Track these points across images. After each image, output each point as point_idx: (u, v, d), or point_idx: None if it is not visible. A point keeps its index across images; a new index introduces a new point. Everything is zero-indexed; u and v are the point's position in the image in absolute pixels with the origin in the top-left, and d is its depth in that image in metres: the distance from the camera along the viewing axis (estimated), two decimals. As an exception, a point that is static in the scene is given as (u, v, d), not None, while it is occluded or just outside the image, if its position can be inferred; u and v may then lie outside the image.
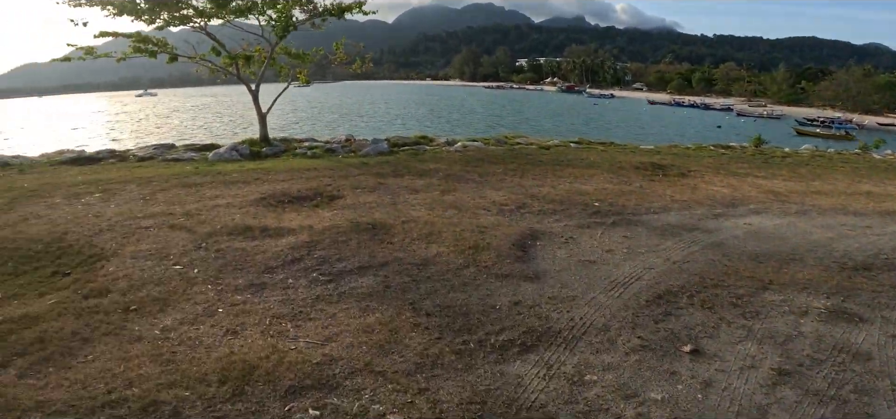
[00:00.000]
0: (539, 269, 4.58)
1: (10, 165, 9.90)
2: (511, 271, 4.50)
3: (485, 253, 4.82)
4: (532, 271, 4.53)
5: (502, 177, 7.95)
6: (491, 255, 4.77)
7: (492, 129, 35.87)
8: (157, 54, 9.82)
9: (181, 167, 9.06)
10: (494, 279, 4.34)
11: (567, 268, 4.65)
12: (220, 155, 10.09)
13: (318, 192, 6.84)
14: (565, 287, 4.25)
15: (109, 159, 10.42)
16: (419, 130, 32.34)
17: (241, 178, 7.63)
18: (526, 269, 4.55)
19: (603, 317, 3.77)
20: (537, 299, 4.01)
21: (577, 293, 4.14)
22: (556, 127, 40.39)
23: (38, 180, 8.05)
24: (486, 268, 4.52)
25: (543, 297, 4.05)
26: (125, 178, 7.90)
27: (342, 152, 10.88)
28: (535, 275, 4.45)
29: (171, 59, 10.25)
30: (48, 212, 5.91)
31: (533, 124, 42.61)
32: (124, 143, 29.40)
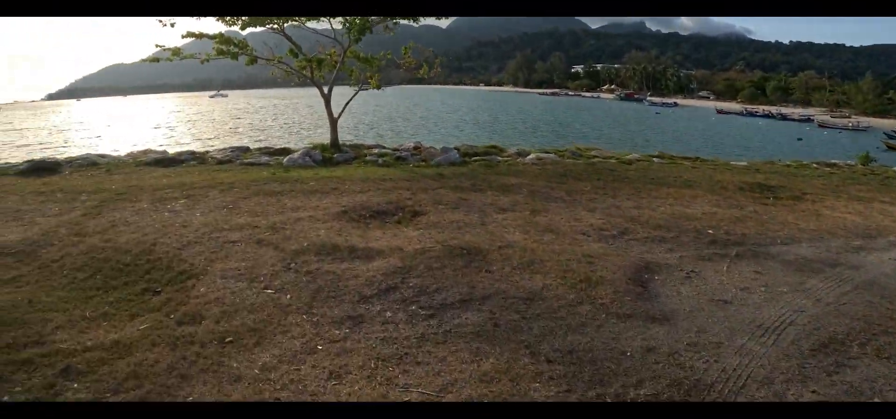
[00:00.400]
0: (666, 309, 3.98)
1: (98, 165, 10.28)
2: (633, 310, 3.92)
3: (599, 287, 4.25)
4: (658, 311, 3.94)
5: (592, 196, 7.30)
6: (607, 291, 4.20)
7: (558, 138, 34.80)
8: (238, 56, 9.91)
9: (258, 172, 9.02)
10: (616, 319, 3.78)
11: (699, 308, 4.02)
12: (295, 161, 10.03)
13: (399, 205, 6.49)
14: (703, 331, 3.64)
15: (190, 161, 10.63)
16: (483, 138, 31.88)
17: (319, 188, 7.42)
18: (650, 309, 3.97)
19: (762, 369, 3.20)
20: (674, 345, 3.43)
21: (720, 339, 3.54)
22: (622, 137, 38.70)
23: (125, 182, 8.22)
24: (604, 306, 3.96)
25: (680, 343, 3.47)
26: (207, 182, 7.90)
27: (413, 161, 10.56)
28: (664, 317, 3.86)
29: (250, 60, 10.33)
30: (136, 218, 5.88)
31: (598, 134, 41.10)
32: (202, 145, 30.93)
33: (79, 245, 5.00)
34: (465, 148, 12.29)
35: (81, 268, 4.50)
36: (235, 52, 9.86)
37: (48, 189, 7.73)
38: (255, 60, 10.60)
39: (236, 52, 9.87)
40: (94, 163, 10.47)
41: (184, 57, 10.35)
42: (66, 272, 4.44)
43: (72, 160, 10.64)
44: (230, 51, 9.80)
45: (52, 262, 4.62)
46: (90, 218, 5.91)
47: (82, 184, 8.13)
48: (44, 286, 4.18)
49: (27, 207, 6.52)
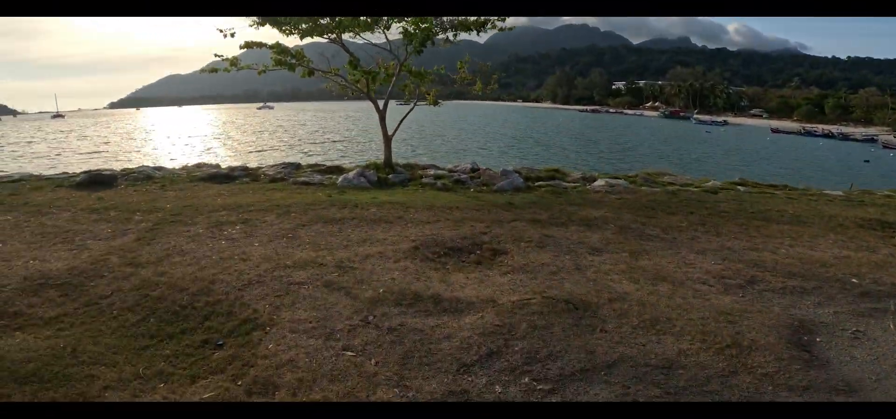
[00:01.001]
0: (848, 378, 3.19)
1: (154, 179, 10.05)
2: (809, 381, 3.14)
3: (753, 354, 3.40)
4: (840, 381, 3.17)
5: (693, 233, 6.36)
6: (765, 358, 3.35)
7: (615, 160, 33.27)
8: (295, 67, 9.52)
9: (314, 194, 8.52)
10: (789, 393, 2.98)
11: (885, 375, 3.26)
12: (350, 181, 9.50)
13: (475, 241, 5.75)
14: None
15: (243, 177, 10.29)
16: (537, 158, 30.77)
17: (382, 216, 6.79)
18: (829, 378, 3.21)
19: None
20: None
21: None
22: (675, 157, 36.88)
23: (180, 199, 7.85)
24: (769, 377, 3.15)
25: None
26: (262, 204, 7.43)
27: (473, 185, 9.85)
28: (849, 387, 3.11)
29: (306, 72, 9.92)
30: (192, 246, 5.39)
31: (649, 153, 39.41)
32: (253, 158, 31.25)
33: (131, 278, 4.50)
34: (526, 171, 11.50)
35: (133, 308, 3.97)
36: (293, 64, 9.47)
37: (102, 206, 7.43)
38: (312, 73, 10.19)
39: (293, 63, 9.48)
40: (150, 176, 10.28)
41: (241, 68, 10.06)
42: (115, 312, 3.92)
43: (128, 172, 10.50)
44: (287, 62, 9.41)
45: (100, 299, 4.12)
46: (144, 244, 5.45)
47: (137, 200, 7.81)
48: (90, 330, 3.65)
49: (78, 227, 6.16)
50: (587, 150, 38.90)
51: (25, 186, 9.52)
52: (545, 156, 33.79)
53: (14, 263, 4.86)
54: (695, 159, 36.89)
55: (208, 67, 9.95)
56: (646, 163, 32.46)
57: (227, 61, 9.93)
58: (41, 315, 3.89)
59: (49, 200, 7.95)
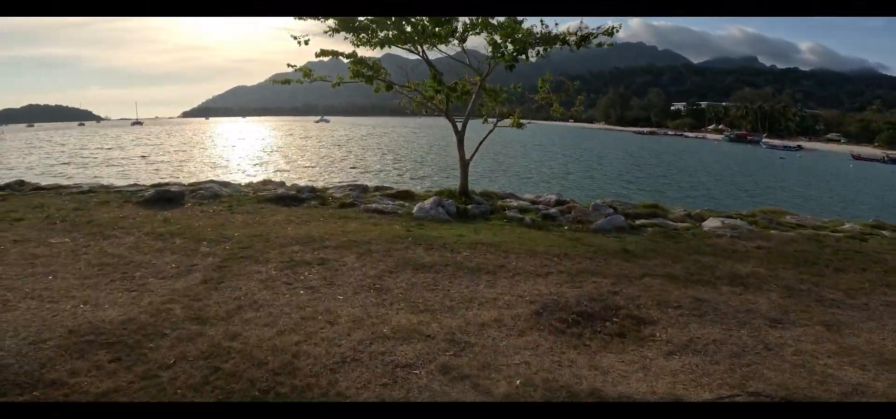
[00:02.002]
0: None
1: (221, 198, 9.50)
2: None
3: None
4: None
5: (883, 297, 4.90)
6: None
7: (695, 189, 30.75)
8: (372, 80, 8.71)
9: (390, 225, 7.60)
10: None
11: None
12: (426, 211, 8.53)
13: (606, 304, 4.56)
14: None
15: (311, 200, 9.56)
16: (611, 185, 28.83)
17: (480, 263, 5.71)
18: None
19: None
20: None
21: None
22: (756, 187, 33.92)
23: (248, 226, 7.13)
24: None
25: None
26: (337, 237, 6.55)
27: (567, 223, 8.64)
28: None
29: (384, 86, 9.10)
30: (266, 295, 4.50)
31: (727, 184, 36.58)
32: (318, 175, 31.11)
33: (197, 340, 3.62)
34: (622, 206, 10.17)
35: (201, 388, 3.07)
36: (371, 76, 8.68)
37: (167, 230, 6.79)
38: (390, 87, 9.37)
39: (371, 75, 8.68)
40: (217, 194, 9.75)
41: (313, 79, 9.39)
42: (179, 391, 3.03)
43: (195, 188, 10.03)
44: (365, 74, 8.62)
45: (160, 370, 3.24)
46: (211, 288, 4.62)
47: (204, 225, 7.15)
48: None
49: (140, 258, 5.45)
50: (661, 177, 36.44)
51: (93, 200, 9.20)
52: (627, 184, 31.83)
53: (61, 307, 4.13)
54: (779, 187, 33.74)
55: (281, 78, 9.34)
56: (728, 191, 29.95)
57: (300, 71, 9.29)
58: (86, 389, 3.05)
59: (113, 219, 7.45)
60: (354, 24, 8.80)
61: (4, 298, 4.32)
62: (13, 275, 4.86)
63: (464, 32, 9.31)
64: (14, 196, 10.02)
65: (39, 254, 5.56)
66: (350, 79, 8.83)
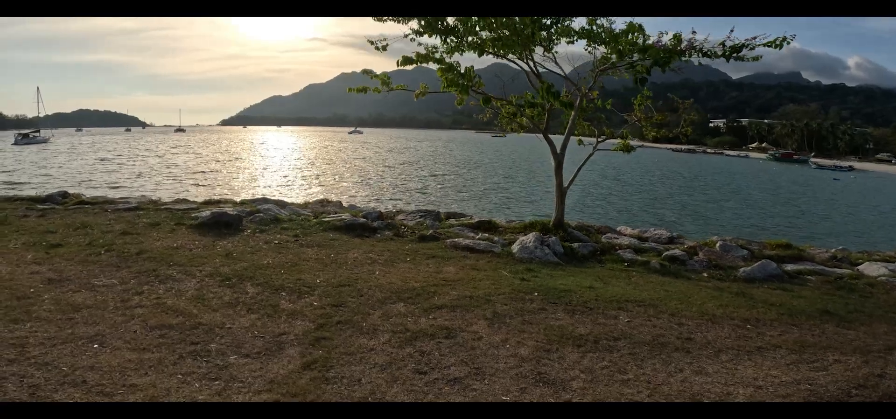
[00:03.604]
0: None
1: (281, 223, 8.28)
2: None
3: None
4: None
5: None
6: None
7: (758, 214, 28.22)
8: (468, 90, 7.33)
9: (495, 270, 6.19)
10: None
11: None
12: (531, 251, 7.08)
13: (881, 391, 3.04)
14: None
15: (384, 229, 8.24)
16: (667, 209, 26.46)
17: (656, 334, 4.23)
18: None
19: None
20: None
21: None
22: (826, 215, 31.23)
23: (328, 268, 5.83)
24: None
25: None
26: (444, 290, 5.17)
27: (702, 268, 7.07)
28: None
29: (481, 100, 7.71)
30: (403, 396, 3.11)
31: (777, 202, 34.02)
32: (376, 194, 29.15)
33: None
34: (744, 243, 8.54)
35: None
36: (466, 86, 7.33)
37: (233, 270, 5.53)
38: (489, 100, 7.98)
39: (466, 84, 7.33)
40: (276, 218, 8.55)
41: (391, 88, 8.12)
42: None
43: (252, 210, 8.86)
44: (459, 83, 7.27)
45: None
46: (319, 379, 3.24)
47: (273, 264, 5.87)
48: None
49: (210, 318, 4.16)
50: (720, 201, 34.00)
51: (141, 220, 8.12)
52: (675, 206, 29.73)
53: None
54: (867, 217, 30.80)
55: (358, 87, 8.09)
56: (791, 218, 27.52)
57: (377, 79, 8.02)
58: None
59: (167, 250, 6.26)
60: (443, 25, 7.48)
61: (33, 383, 3.07)
62: (46, 339, 3.64)
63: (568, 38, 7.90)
64: (55, 212, 9.05)
65: (81, 303, 4.35)
66: (443, 88, 7.49)
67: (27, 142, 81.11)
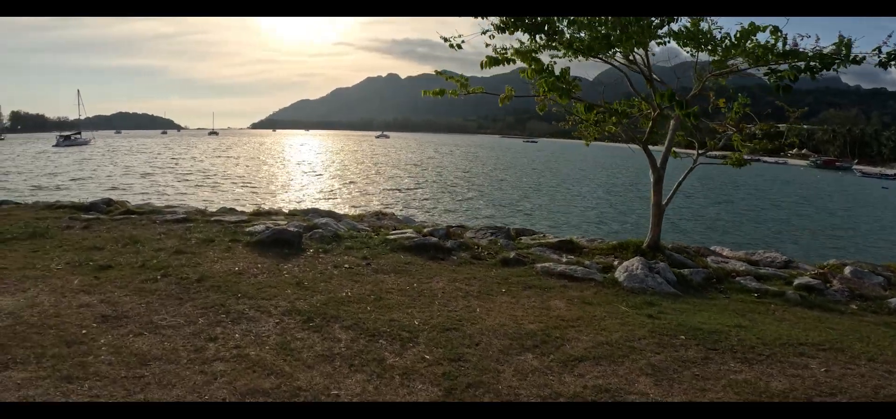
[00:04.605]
0: None
1: (344, 242, 7.42)
2: None
3: None
4: None
5: None
6: None
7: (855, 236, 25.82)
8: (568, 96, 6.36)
9: (610, 304, 5.20)
10: None
11: None
12: (641, 280, 6.05)
13: None
14: None
15: (459, 251, 7.32)
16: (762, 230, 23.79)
17: (880, 397, 3.18)
18: None
19: None
20: None
21: None
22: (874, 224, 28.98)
23: (418, 304, 4.94)
24: None
25: None
26: (567, 333, 4.21)
27: (845, 299, 5.93)
28: None
29: (582, 107, 6.70)
30: None
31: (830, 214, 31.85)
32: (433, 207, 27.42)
33: None
34: (871, 267, 7.33)
35: None
36: (568, 92, 6.36)
37: (312, 306, 4.67)
38: (592, 107, 6.97)
39: (568, 90, 6.36)
40: (337, 235, 7.72)
41: (470, 92, 7.21)
42: None
43: (310, 225, 8.04)
44: (562, 88, 6.29)
45: None
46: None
47: (355, 296, 5.00)
48: None
49: (306, 377, 3.27)
50: (761, 211, 32.05)
51: (194, 235, 7.38)
52: (720, 222, 27.97)
53: None
54: None
55: (435, 91, 7.20)
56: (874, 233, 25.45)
57: (456, 82, 7.10)
58: None
59: (230, 276, 5.46)
60: (534, 21, 6.50)
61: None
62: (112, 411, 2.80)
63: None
64: (101, 222, 8.42)
65: (146, 352, 3.53)
66: (543, 93, 6.51)
67: (68, 144, 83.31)
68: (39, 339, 3.53)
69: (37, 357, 3.31)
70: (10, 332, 3.61)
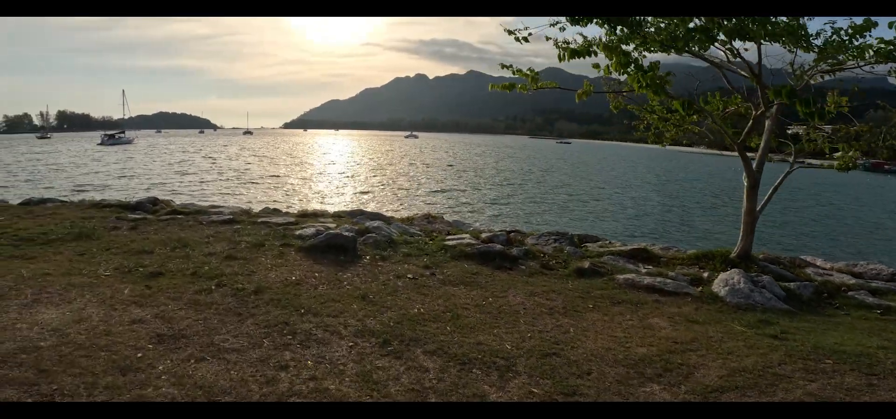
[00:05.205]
0: None
1: (399, 248, 6.88)
2: None
3: None
4: None
5: None
6: None
7: None
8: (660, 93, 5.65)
9: (721, 322, 4.48)
10: None
11: None
12: (746, 295, 5.28)
13: None
14: None
15: (526, 260, 6.67)
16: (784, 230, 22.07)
17: None
18: None
19: None
20: None
21: None
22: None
23: (508, 324, 4.34)
24: None
25: None
26: (682, 357, 3.53)
27: None
28: None
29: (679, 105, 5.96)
30: None
31: None
32: (471, 204, 26.38)
33: None
34: None
35: None
36: (662, 85, 5.65)
37: (384, 324, 4.12)
38: (691, 106, 6.22)
39: (662, 85, 5.65)
40: (391, 240, 7.20)
41: (540, 86, 6.56)
42: None
43: (362, 229, 7.54)
44: (658, 85, 5.59)
45: None
46: None
47: (429, 314, 4.43)
48: None
49: None
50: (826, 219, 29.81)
51: (243, 238, 6.98)
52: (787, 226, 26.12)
53: None
54: None
55: (504, 84, 6.58)
56: None
57: (525, 77, 6.46)
58: None
59: (288, 287, 4.96)
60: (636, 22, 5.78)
61: None
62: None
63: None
64: (147, 223, 8.13)
65: (211, 383, 2.99)
66: (633, 89, 5.81)
67: (113, 142, 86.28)
68: (89, 365, 3.07)
69: (87, 387, 2.84)
70: (55, 355, 3.17)
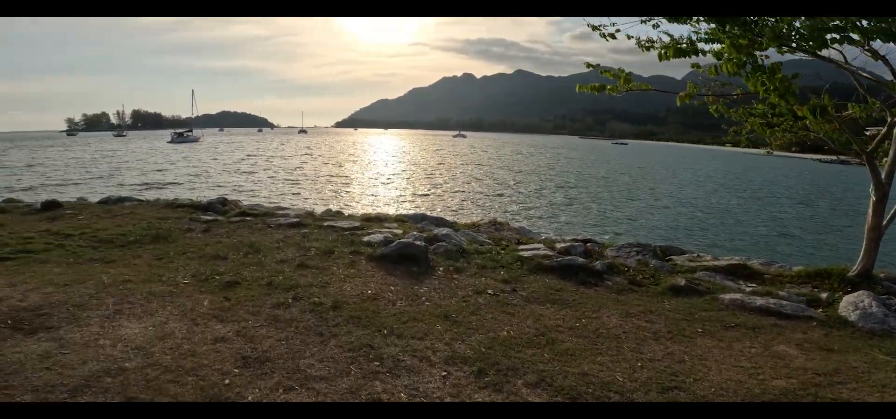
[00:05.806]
0: None
1: (475, 260, 6.49)
2: None
3: None
4: None
5: None
6: None
7: None
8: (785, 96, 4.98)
9: (860, 352, 3.78)
10: None
11: None
12: (878, 318, 4.54)
13: None
14: None
15: (612, 274, 6.13)
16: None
17: None
18: None
19: None
20: None
21: None
22: None
23: (612, 350, 3.88)
24: None
25: None
26: (829, 393, 2.92)
27: None
28: None
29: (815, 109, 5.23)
30: None
31: None
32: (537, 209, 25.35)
33: None
34: None
35: None
36: (791, 88, 4.99)
37: (474, 350, 3.76)
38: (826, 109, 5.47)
39: (787, 88, 4.99)
40: (462, 250, 6.83)
41: (632, 87, 6.00)
42: None
43: (431, 237, 7.23)
44: (781, 88, 4.93)
45: None
46: None
47: (519, 337, 4.03)
48: None
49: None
50: None
51: (312, 243, 6.85)
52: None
53: None
54: None
55: (593, 85, 6.08)
56: None
57: (616, 77, 5.91)
58: None
59: (365, 302, 4.70)
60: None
61: None
62: None
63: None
64: (219, 225, 8.21)
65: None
66: (750, 90, 5.20)
67: (181, 140, 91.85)
68: (177, 391, 2.88)
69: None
70: (142, 379, 3.01)
